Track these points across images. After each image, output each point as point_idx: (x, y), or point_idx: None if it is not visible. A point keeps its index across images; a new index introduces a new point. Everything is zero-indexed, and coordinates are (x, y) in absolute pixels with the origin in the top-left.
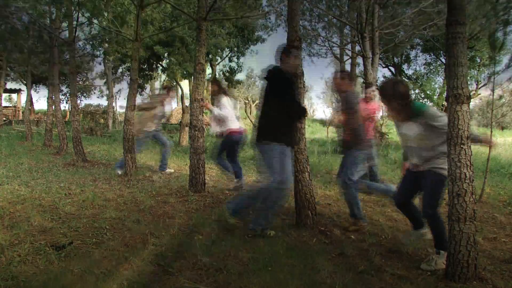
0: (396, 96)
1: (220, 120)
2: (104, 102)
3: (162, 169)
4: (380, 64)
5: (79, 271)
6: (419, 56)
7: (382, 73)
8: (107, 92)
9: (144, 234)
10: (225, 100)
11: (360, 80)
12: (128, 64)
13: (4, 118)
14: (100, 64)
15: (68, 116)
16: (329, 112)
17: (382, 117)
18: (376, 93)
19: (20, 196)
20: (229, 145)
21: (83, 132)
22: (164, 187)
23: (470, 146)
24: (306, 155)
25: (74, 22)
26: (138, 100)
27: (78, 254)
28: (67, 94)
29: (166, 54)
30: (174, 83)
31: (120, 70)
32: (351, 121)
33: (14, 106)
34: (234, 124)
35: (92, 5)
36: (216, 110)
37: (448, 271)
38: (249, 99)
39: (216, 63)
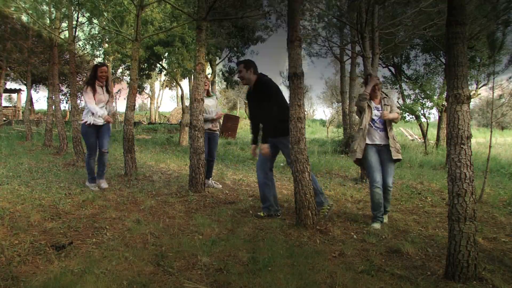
0: None
1: None
2: None
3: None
4: (380, 64)
5: (79, 271)
6: (419, 56)
7: (382, 73)
8: None
9: (144, 234)
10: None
11: (360, 80)
12: (128, 64)
13: (4, 118)
14: None
15: (68, 116)
16: (329, 112)
17: None
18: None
19: (20, 196)
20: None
21: None
22: (164, 187)
23: (470, 146)
24: (306, 155)
25: (74, 22)
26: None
27: (78, 254)
28: (67, 94)
29: (166, 54)
30: (174, 83)
31: (120, 70)
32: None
33: (14, 106)
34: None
35: (92, 5)
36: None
37: (448, 271)
38: None
39: (216, 63)
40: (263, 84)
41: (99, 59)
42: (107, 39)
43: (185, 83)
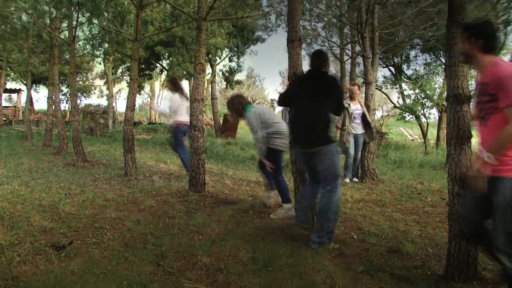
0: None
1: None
2: (104, 102)
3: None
4: (380, 64)
5: (79, 271)
6: (419, 56)
7: (382, 73)
8: (107, 92)
9: (144, 234)
10: (172, 97)
11: (360, 80)
12: (128, 64)
13: (4, 118)
14: (100, 64)
15: (68, 116)
16: None
17: (382, 117)
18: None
19: (20, 196)
20: (175, 134)
21: (83, 132)
22: (164, 187)
23: (470, 146)
24: None
25: (74, 22)
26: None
27: (78, 254)
28: (67, 94)
29: (166, 54)
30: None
31: (120, 70)
32: None
33: (14, 106)
34: (181, 117)
35: (92, 5)
36: (157, 108)
37: (448, 271)
38: (249, 99)
39: (216, 63)
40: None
41: (99, 59)
42: (107, 39)
43: (185, 83)
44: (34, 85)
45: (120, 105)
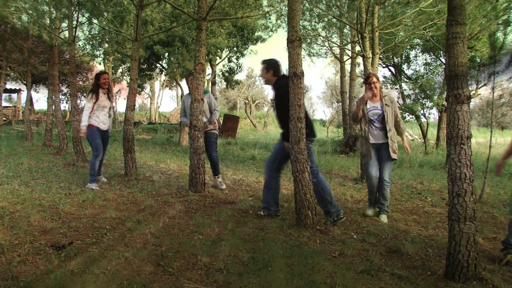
0: None
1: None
2: None
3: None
4: (380, 64)
5: (79, 271)
6: (419, 56)
7: (382, 73)
8: None
9: (144, 234)
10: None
11: (360, 80)
12: (128, 64)
13: (4, 118)
14: (100, 64)
15: (68, 116)
16: (329, 112)
17: None
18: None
19: (20, 196)
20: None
21: None
22: (164, 187)
23: (470, 146)
24: (306, 155)
25: (74, 22)
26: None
27: (78, 254)
28: (67, 94)
29: (166, 54)
30: (174, 83)
31: (120, 70)
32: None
33: (14, 106)
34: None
35: (92, 5)
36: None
37: (448, 271)
38: (249, 99)
39: (216, 63)
40: (276, 88)
41: (99, 59)
42: (107, 39)
43: (185, 83)
44: (34, 85)
45: (120, 105)
